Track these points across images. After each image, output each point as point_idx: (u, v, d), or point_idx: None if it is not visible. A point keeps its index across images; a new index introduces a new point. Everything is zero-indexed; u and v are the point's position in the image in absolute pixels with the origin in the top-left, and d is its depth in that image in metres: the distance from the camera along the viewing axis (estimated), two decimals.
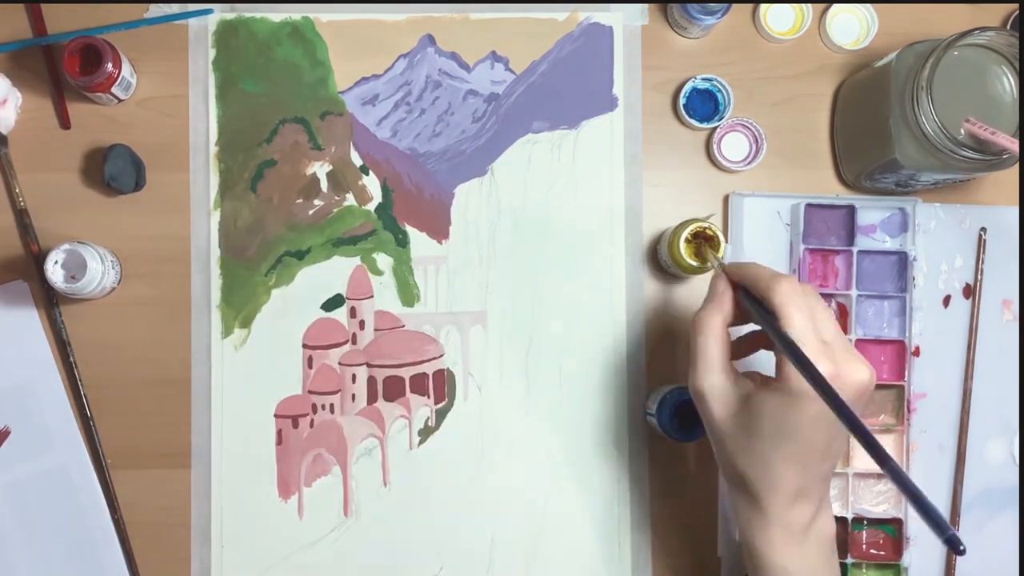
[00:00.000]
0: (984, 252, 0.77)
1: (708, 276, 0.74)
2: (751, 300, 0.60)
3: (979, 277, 0.77)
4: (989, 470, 0.76)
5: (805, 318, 0.57)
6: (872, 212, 0.76)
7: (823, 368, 0.55)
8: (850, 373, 0.56)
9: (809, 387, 0.54)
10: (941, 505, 0.76)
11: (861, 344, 0.75)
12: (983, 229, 0.77)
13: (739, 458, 0.59)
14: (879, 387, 0.75)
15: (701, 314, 0.61)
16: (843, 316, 0.75)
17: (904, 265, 0.76)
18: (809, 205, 0.75)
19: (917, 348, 0.76)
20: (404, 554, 0.74)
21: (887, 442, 0.75)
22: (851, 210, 0.75)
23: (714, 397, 0.60)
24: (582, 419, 0.75)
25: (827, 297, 0.75)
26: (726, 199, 0.77)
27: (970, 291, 0.77)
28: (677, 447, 0.75)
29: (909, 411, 0.76)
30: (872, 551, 0.74)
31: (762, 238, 0.76)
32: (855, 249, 0.75)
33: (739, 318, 0.63)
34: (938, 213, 0.77)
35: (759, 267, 0.61)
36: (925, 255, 0.77)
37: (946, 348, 0.77)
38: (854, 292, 0.75)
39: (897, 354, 0.75)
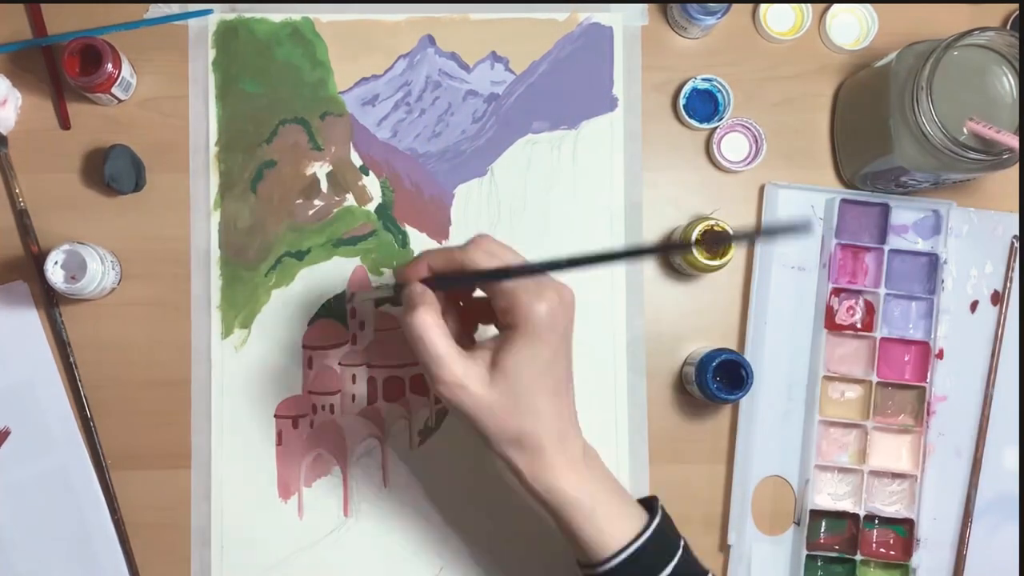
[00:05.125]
0: (1015, 260, 0.77)
1: (720, 273, 0.75)
2: (448, 280, 0.62)
3: (1008, 285, 0.77)
4: (1004, 477, 0.76)
5: (514, 258, 0.60)
6: (906, 212, 0.76)
7: (552, 292, 0.59)
8: (565, 290, 0.61)
9: (544, 318, 0.58)
10: (953, 509, 0.76)
11: (886, 343, 0.75)
12: (1015, 237, 0.77)
13: (512, 420, 0.60)
14: (900, 387, 0.76)
15: (410, 319, 0.60)
16: (870, 313, 0.75)
17: (934, 267, 0.76)
18: (844, 201, 0.75)
19: (941, 351, 0.76)
20: (404, 554, 0.74)
21: (905, 443, 0.75)
22: (885, 209, 0.75)
23: (469, 383, 0.60)
24: (582, 419, 0.75)
25: (855, 294, 0.75)
26: (762, 189, 0.77)
27: (998, 298, 0.77)
28: (676, 446, 0.76)
29: (928, 413, 0.75)
30: (882, 550, 0.75)
31: None
32: (886, 248, 0.75)
33: (445, 308, 0.63)
34: (972, 218, 0.77)
35: (437, 250, 0.63)
36: (956, 259, 0.77)
37: (970, 353, 0.76)
38: (882, 290, 0.75)
39: (921, 355, 0.75)
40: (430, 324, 0.59)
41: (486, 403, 0.60)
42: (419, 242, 0.76)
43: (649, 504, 0.65)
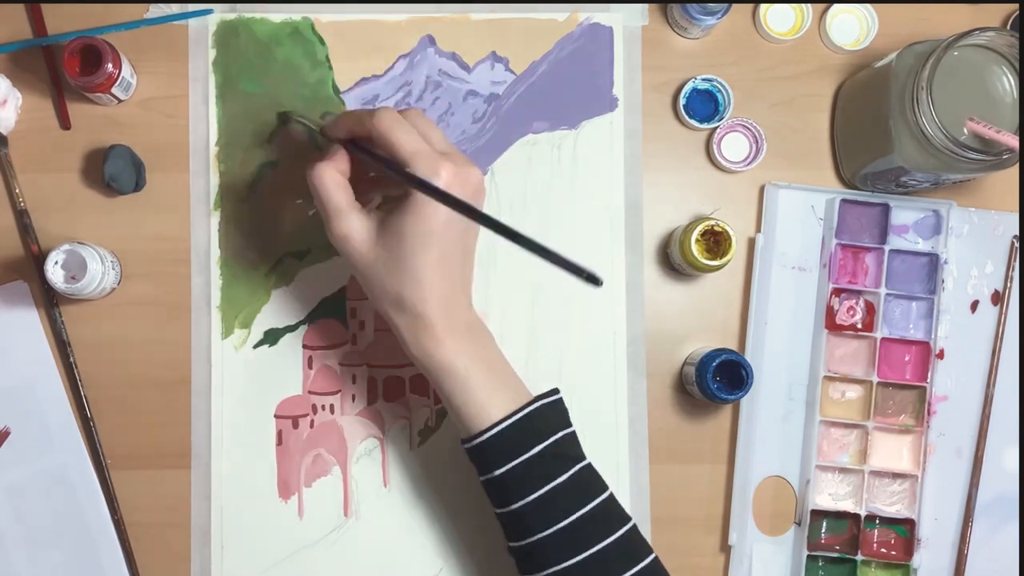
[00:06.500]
0: (1015, 260, 0.77)
1: (720, 273, 0.75)
2: (357, 148, 0.64)
3: (1008, 285, 0.77)
4: (1005, 477, 0.76)
5: (413, 138, 0.61)
6: (906, 212, 0.76)
7: (446, 172, 0.60)
8: (468, 175, 0.62)
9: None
10: (954, 509, 0.76)
11: (886, 343, 0.75)
12: (1016, 237, 0.77)
13: (392, 281, 0.62)
14: (901, 387, 0.75)
15: (315, 170, 0.63)
16: (870, 314, 0.75)
17: (934, 267, 0.76)
18: (844, 201, 0.76)
19: (942, 351, 0.76)
20: (404, 554, 0.74)
21: (905, 443, 0.75)
22: (885, 209, 0.76)
23: (354, 236, 0.63)
24: (582, 419, 0.75)
25: (855, 294, 0.75)
26: (762, 189, 0.77)
27: (999, 298, 0.77)
28: (676, 446, 0.76)
29: (929, 413, 0.75)
30: (883, 550, 0.75)
31: (795, 230, 0.76)
32: (887, 248, 0.75)
33: (356, 169, 0.65)
34: (972, 218, 0.77)
35: (354, 112, 0.65)
36: (956, 259, 0.77)
37: (971, 353, 0.76)
38: (883, 291, 0.75)
39: (921, 355, 0.75)
40: (329, 176, 0.63)
41: (369, 260, 0.63)
42: None
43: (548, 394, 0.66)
